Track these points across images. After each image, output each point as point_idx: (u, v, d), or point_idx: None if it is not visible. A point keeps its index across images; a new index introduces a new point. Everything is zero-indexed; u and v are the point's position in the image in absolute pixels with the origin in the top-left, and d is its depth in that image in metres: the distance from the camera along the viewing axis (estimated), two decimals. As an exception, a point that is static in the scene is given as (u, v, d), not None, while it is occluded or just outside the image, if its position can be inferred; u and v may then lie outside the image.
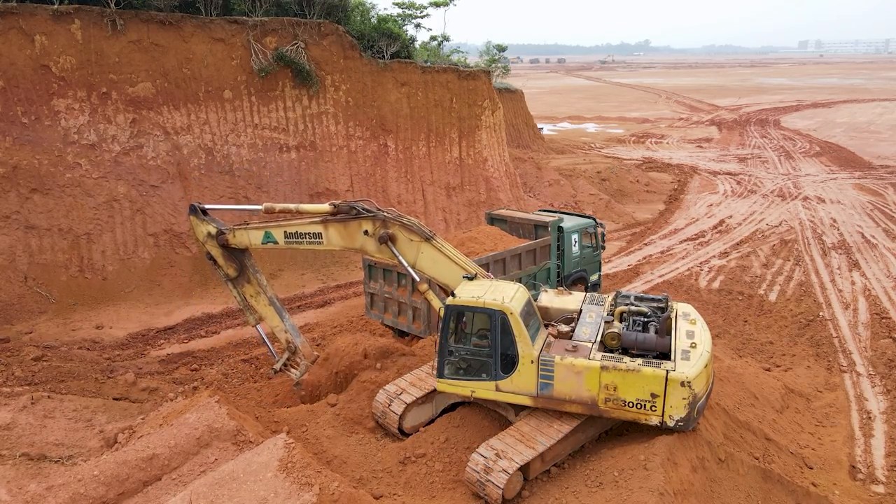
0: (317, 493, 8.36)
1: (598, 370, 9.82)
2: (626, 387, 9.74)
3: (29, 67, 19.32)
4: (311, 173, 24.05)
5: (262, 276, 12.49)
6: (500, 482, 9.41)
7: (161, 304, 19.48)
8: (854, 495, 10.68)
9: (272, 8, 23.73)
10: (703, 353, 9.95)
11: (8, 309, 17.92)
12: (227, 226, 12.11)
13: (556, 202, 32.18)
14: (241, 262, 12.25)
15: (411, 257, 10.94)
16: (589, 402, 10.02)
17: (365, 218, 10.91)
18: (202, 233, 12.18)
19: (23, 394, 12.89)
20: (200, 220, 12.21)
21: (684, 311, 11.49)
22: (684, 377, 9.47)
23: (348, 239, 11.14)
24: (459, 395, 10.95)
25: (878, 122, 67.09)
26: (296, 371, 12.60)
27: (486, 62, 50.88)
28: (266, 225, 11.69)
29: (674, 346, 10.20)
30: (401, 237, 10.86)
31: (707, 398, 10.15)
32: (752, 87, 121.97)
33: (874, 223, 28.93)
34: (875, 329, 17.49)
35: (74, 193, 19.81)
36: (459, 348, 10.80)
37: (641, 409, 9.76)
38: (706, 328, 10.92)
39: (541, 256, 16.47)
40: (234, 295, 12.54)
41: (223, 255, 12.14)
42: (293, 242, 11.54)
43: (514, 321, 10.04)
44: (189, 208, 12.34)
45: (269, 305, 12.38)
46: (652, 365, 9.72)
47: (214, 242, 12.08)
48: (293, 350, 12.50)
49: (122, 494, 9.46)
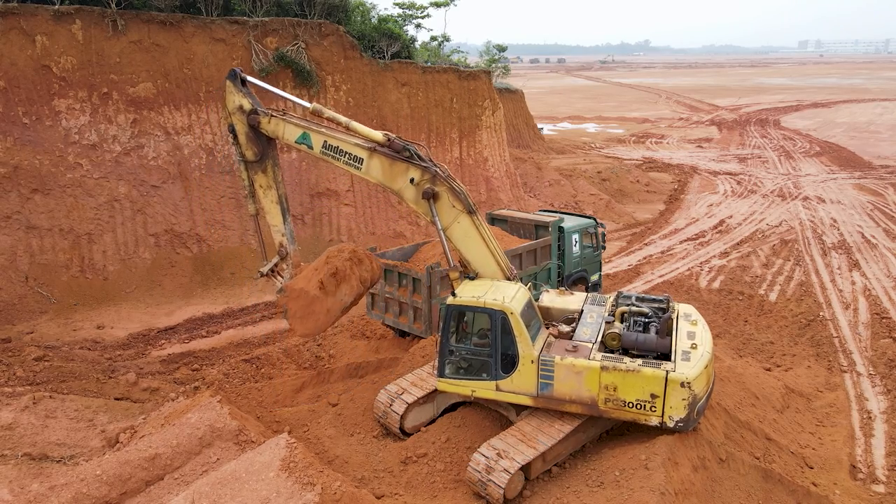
0: (319, 493, 8.37)
1: (599, 370, 9.84)
2: (625, 387, 9.75)
3: (30, 68, 19.34)
4: (311, 173, 24.06)
5: (280, 171, 11.83)
6: (502, 482, 9.43)
7: (162, 304, 19.49)
8: (854, 495, 10.70)
9: (273, 8, 23.76)
10: (704, 354, 9.95)
11: (9, 309, 17.94)
12: (265, 108, 11.43)
13: (556, 202, 32.20)
14: (263, 150, 11.57)
15: (446, 222, 10.62)
16: (589, 403, 10.03)
17: (417, 166, 10.47)
18: (233, 102, 11.43)
19: (24, 394, 12.91)
20: (237, 90, 11.38)
21: (686, 311, 11.47)
22: (684, 378, 9.48)
23: (389, 177, 10.65)
24: (460, 394, 10.95)
25: (878, 122, 67.10)
26: (281, 278, 11.91)
27: (486, 62, 50.91)
28: (308, 126, 11.12)
29: (674, 346, 10.20)
30: (444, 199, 10.49)
31: (707, 399, 10.16)
32: (752, 87, 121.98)
33: (874, 223, 28.95)
34: (875, 329, 17.50)
35: (75, 194, 19.83)
36: (460, 348, 10.81)
37: (641, 410, 9.77)
38: (707, 329, 10.92)
39: (541, 256, 16.47)
40: (243, 178, 11.85)
41: (247, 135, 11.47)
42: (329, 156, 11.00)
43: (514, 321, 10.06)
44: (229, 72, 11.57)
45: (277, 204, 11.77)
46: (652, 366, 9.72)
47: (243, 118, 11.39)
48: (283, 255, 11.91)
49: (125, 494, 9.48)
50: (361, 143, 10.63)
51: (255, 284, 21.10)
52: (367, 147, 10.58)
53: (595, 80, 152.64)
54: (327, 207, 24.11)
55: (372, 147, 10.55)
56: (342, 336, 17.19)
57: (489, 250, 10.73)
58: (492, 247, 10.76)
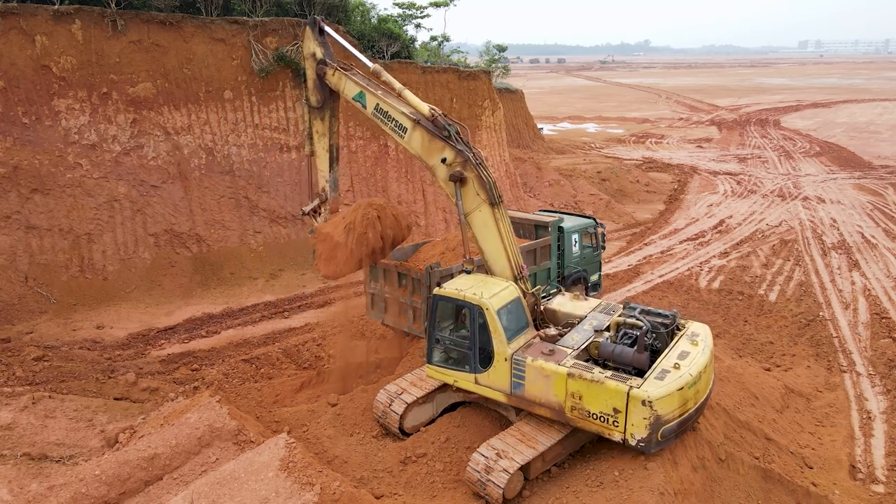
0: (318, 493, 8.38)
1: (565, 377, 9.63)
2: (590, 397, 9.46)
3: (29, 68, 19.33)
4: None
5: (337, 123, 12.86)
6: (501, 482, 9.43)
7: (162, 304, 19.50)
8: (854, 495, 10.70)
9: (272, 8, 23.76)
10: (684, 377, 9.33)
11: (9, 309, 17.94)
12: (334, 62, 12.22)
13: (556, 202, 32.19)
14: (325, 99, 12.53)
15: (469, 208, 10.84)
16: (556, 408, 9.88)
17: (452, 147, 10.71)
18: (308, 49, 12.39)
19: (24, 394, 12.91)
20: (313, 37, 12.35)
21: (694, 330, 10.79)
22: (646, 396, 8.99)
23: (427, 152, 11.05)
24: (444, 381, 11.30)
25: (878, 122, 67.10)
26: (317, 220, 13.32)
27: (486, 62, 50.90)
28: (366, 86, 11.78)
29: (656, 363, 9.73)
30: (470, 185, 10.69)
31: (684, 423, 9.53)
32: (751, 87, 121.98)
33: (874, 223, 28.95)
34: (875, 329, 17.50)
35: (75, 193, 19.83)
36: (445, 338, 11.06)
37: (605, 423, 9.43)
38: (707, 352, 10.18)
39: (541, 256, 16.46)
40: (304, 120, 13.02)
41: (314, 81, 12.42)
42: (378, 118, 11.63)
43: (489, 317, 10.17)
44: (309, 19, 12.53)
45: (326, 151, 12.93)
46: (618, 379, 9.33)
47: (313, 66, 12.31)
48: (323, 199, 13.24)
49: (124, 494, 9.48)
50: (408, 114, 11.09)
51: (255, 284, 21.11)
52: (413, 118, 11.04)
53: (595, 80, 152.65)
54: (327, 207, 24.09)
55: (417, 119, 10.99)
56: (342, 336, 17.20)
57: (502, 245, 10.84)
58: (506, 242, 10.86)
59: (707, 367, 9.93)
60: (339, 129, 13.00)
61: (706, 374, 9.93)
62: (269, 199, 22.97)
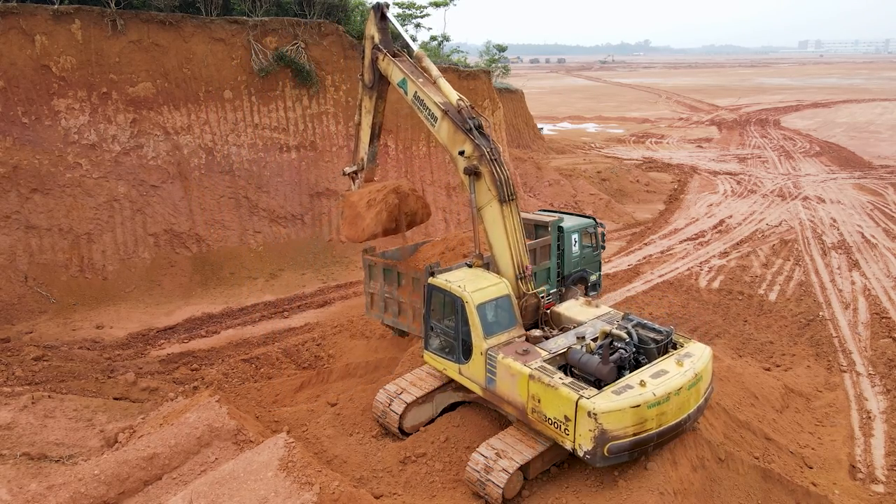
0: (317, 493, 8.37)
1: (527, 378, 9.59)
2: (546, 402, 9.36)
3: (29, 67, 19.33)
4: (311, 173, 24.05)
5: (383, 104, 14.08)
6: (501, 482, 9.42)
7: (161, 304, 19.49)
8: (854, 495, 10.69)
9: (272, 8, 23.75)
10: (644, 396, 8.86)
11: (8, 309, 17.94)
12: (387, 47, 12.94)
13: (556, 202, 32.17)
14: (375, 81, 13.58)
15: (481, 202, 11.07)
16: (520, 409, 9.86)
17: (472, 141, 10.94)
18: (369, 31, 13.29)
19: (23, 393, 12.91)
20: (374, 22, 13.21)
21: (689, 351, 10.07)
22: (592, 408, 8.68)
23: (451, 143, 11.38)
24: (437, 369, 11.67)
25: (878, 122, 67.09)
26: (352, 186, 14.89)
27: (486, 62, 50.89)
28: (409, 74, 12.34)
29: (626, 378, 9.34)
30: (484, 180, 10.89)
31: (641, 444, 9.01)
32: (751, 87, 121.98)
33: (874, 223, 28.94)
34: (875, 329, 17.49)
35: (75, 193, 19.83)
36: (437, 326, 11.33)
37: (558, 430, 9.27)
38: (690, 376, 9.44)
39: (541, 256, 16.46)
40: (359, 92, 14.27)
41: (370, 63, 13.47)
42: (416, 105, 12.19)
43: (469, 310, 10.35)
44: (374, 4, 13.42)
45: (369, 127, 14.22)
46: (573, 388, 9.11)
47: (370, 48, 13.24)
48: (360, 168, 14.75)
49: (123, 494, 9.47)
50: (439, 104, 11.51)
51: (255, 284, 21.10)
52: (443, 109, 11.43)
53: (595, 80, 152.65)
54: (327, 207, 24.10)
55: (446, 110, 11.37)
56: (341, 336, 17.19)
57: (507, 243, 10.95)
58: (511, 240, 10.95)
59: (684, 390, 9.26)
60: (384, 110, 14.37)
61: (681, 397, 9.25)
62: (269, 198, 22.97)
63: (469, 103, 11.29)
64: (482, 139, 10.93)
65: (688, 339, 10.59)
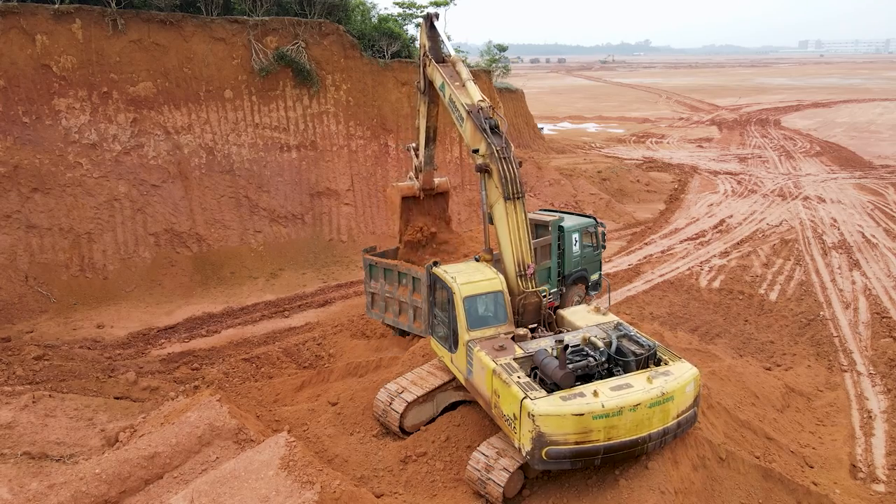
0: (318, 492, 8.37)
1: (491, 373, 9.62)
2: (503, 398, 9.30)
3: (30, 67, 19.34)
4: (311, 173, 24.06)
5: (436, 109, 14.64)
6: (502, 480, 9.42)
7: (162, 304, 19.49)
8: (855, 494, 10.68)
9: (273, 8, 23.76)
10: (591, 405, 8.61)
11: (9, 308, 17.94)
12: (434, 55, 13.40)
13: (556, 202, 32.17)
14: (426, 87, 14.18)
15: (491, 199, 11.35)
16: (487, 402, 9.89)
17: (486, 140, 11.25)
18: (421, 40, 13.88)
19: (24, 393, 12.92)
20: (425, 31, 13.68)
21: (669, 370, 9.52)
22: (532, 409, 8.57)
23: (472, 142, 11.74)
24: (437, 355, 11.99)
25: (879, 121, 67.07)
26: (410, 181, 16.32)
27: (486, 62, 50.92)
28: (447, 79, 12.81)
29: (585, 385, 9.08)
30: (493, 178, 11.15)
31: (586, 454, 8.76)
32: (752, 87, 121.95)
33: (874, 223, 28.93)
34: (875, 328, 17.49)
35: (75, 193, 19.83)
36: (438, 315, 11.58)
37: (511, 427, 9.15)
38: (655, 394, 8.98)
39: (541, 256, 16.46)
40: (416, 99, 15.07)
41: (424, 69, 14.01)
42: (450, 108, 12.66)
43: (456, 301, 10.54)
44: (426, 14, 14.08)
45: (423, 130, 15.02)
46: (524, 388, 8.98)
47: (422, 55, 13.79)
48: (418, 167, 15.93)
49: (124, 492, 9.47)
50: (466, 105, 11.94)
51: (255, 284, 21.10)
52: (468, 110, 11.83)
53: (595, 80, 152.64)
54: (327, 207, 24.11)
55: (470, 110, 11.76)
56: (342, 335, 17.20)
57: (509, 241, 11.11)
58: (513, 238, 11.09)
59: (643, 407, 8.81)
60: (438, 114, 14.88)
61: (638, 414, 8.82)
62: (270, 198, 22.97)
63: (489, 104, 11.68)
64: (494, 138, 11.22)
65: (676, 357, 9.97)
